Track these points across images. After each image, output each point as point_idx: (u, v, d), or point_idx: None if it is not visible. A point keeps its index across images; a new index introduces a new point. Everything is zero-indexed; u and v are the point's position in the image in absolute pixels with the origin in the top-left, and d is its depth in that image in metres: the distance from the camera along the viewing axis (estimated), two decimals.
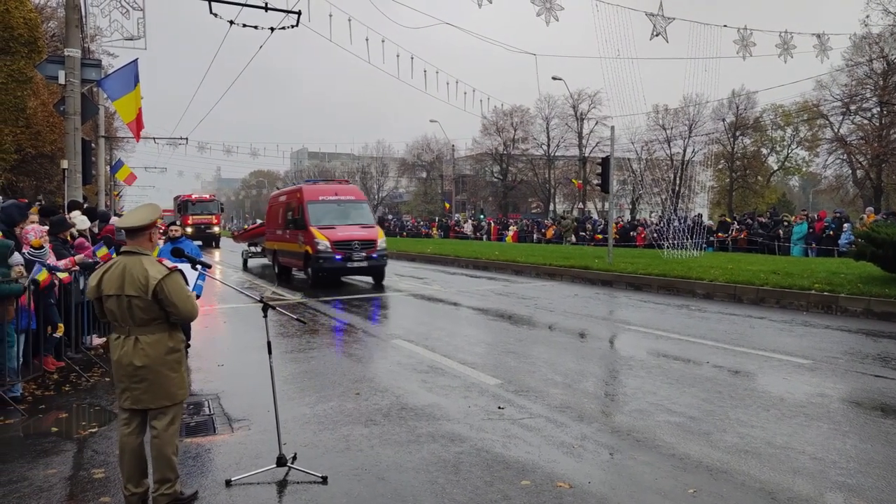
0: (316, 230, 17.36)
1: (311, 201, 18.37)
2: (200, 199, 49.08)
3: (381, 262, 17.71)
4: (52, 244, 8.24)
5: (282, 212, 20.36)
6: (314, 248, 17.12)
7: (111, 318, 4.15)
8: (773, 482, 4.49)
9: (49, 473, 4.81)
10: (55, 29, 27.77)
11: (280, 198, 21.93)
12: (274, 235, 21.20)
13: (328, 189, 19.39)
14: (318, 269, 17.39)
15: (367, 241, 17.43)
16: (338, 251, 17.02)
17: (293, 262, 19.27)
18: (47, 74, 13.95)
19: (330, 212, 18.28)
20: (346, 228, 17.68)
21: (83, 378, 7.59)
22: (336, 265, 17.12)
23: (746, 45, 17.63)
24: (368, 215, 19.26)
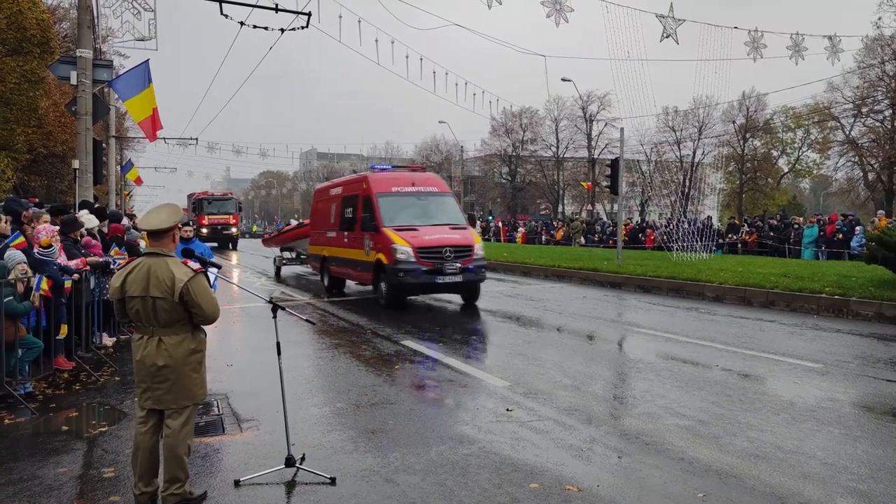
0: (392, 232, 13.09)
1: (381, 194, 14.09)
2: (217, 196, 45.47)
3: (478, 277, 13.40)
4: (62, 244, 8.29)
5: (335, 208, 16.44)
6: (391, 256, 12.83)
7: (134, 319, 4.16)
8: (782, 487, 4.46)
9: (59, 472, 4.84)
10: (67, 30, 27.98)
11: (332, 191, 17.42)
12: (323, 238, 17.25)
13: (403, 178, 15.00)
14: (396, 285, 12.92)
15: (461, 248, 13.10)
16: (424, 261, 12.71)
17: (354, 273, 15.21)
18: (59, 75, 14.06)
19: (408, 208, 14.11)
20: (432, 230, 13.38)
21: (94, 377, 7.64)
22: (421, 280, 12.76)
23: (757, 46, 17.54)
24: (457, 212, 14.82)
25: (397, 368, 8.16)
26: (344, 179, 17.69)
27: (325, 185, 19.69)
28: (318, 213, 18.43)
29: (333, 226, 16.44)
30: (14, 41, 19.36)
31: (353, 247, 14.79)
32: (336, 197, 16.69)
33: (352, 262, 15.04)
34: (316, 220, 18.50)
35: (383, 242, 13.14)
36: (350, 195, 15.57)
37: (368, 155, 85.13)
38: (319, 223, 17.95)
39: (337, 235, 16.11)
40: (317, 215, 18.50)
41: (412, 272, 12.69)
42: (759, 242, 26.01)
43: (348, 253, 15.25)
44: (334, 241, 16.31)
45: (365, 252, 14.01)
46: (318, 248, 17.78)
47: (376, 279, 13.71)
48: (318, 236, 17.94)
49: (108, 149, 25.24)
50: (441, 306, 14.09)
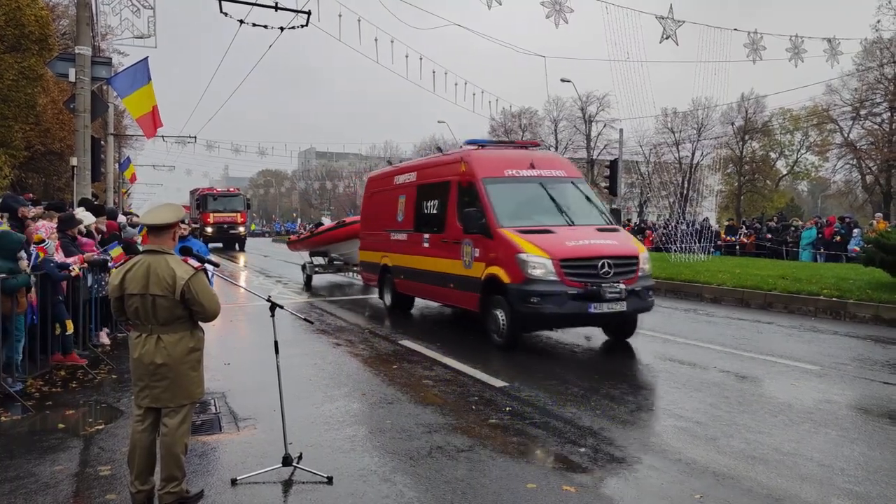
0: (516, 236, 9.07)
1: (491, 180, 9.96)
2: (223, 192, 41.76)
3: (647, 305, 9.31)
4: (59, 241, 8.27)
5: (405, 202, 12.34)
6: (517, 271, 8.77)
7: (132, 317, 4.15)
8: (779, 488, 4.46)
9: (56, 470, 4.83)
10: (66, 27, 27.93)
11: (398, 178, 13.05)
12: (384, 242, 13.12)
13: (517, 158, 10.68)
14: (527, 315, 8.79)
15: (624, 260, 9.02)
16: (571, 279, 8.61)
17: (443, 292, 10.90)
18: (58, 72, 14.03)
19: (531, 200, 10.09)
20: (574, 233, 9.33)
21: (90, 375, 7.62)
22: (566, 309, 8.63)
23: (756, 48, 17.55)
24: (599, 206, 10.82)
25: (396, 368, 8.15)
26: (420, 162, 13.61)
27: (386, 170, 14.60)
28: (374, 208, 14.11)
29: (402, 225, 12.35)
30: (12, 38, 19.32)
31: (441, 255, 10.66)
32: (406, 186, 12.46)
33: (438, 276, 10.76)
34: (371, 218, 14.23)
35: (502, 250, 9.04)
36: (434, 183, 11.41)
37: (367, 154, 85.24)
38: (377, 221, 13.69)
39: (409, 238, 11.99)
40: (372, 211, 14.21)
41: (553, 296, 8.50)
42: (757, 244, 26.04)
43: (431, 264, 11.02)
44: (403, 246, 12.20)
45: (464, 263, 9.93)
46: (374, 254, 13.67)
47: (486, 304, 9.44)
48: (374, 239, 13.82)
49: (106, 146, 25.20)
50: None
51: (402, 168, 13.68)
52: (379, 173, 15.31)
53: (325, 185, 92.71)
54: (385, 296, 13.24)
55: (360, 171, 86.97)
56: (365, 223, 14.82)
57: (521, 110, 58.70)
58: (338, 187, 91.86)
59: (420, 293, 12.15)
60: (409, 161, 15.60)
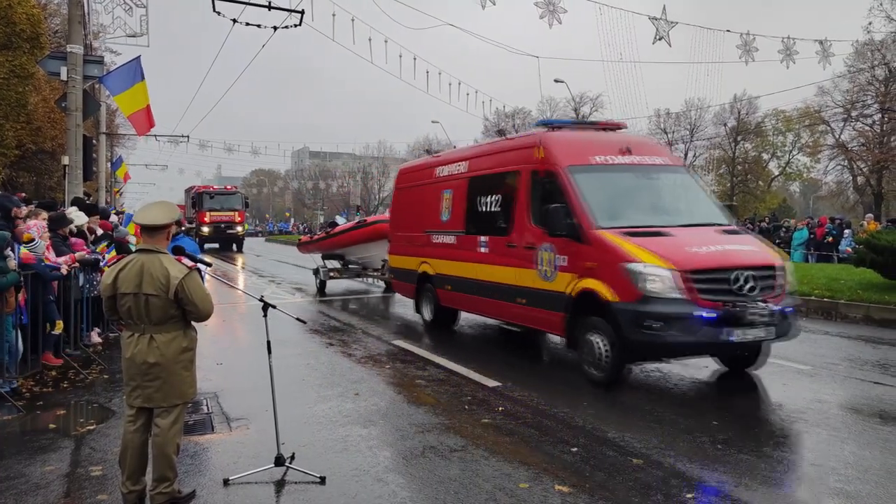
0: (622, 239, 7.14)
1: (578, 168, 8.00)
2: (220, 190, 39.78)
3: (794, 330, 7.32)
4: (51, 240, 8.23)
5: (452, 197, 10.33)
6: (626, 285, 6.85)
7: (125, 317, 4.14)
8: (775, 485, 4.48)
9: (46, 470, 4.80)
10: (58, 25, 27.79)
11: (441, 170, 11.00)
12: (422, 245, 11.17)
13: (607, 142, 8.61)
14: (642, 344, 6.80)
15: (765, 272, 7.12)
16: (702, 296, 6.69)
17: (514, 310, 8.74)
18: (49, 70, 13.94)
19: (632, 194, 8.26)
20: (695, 236, 7.39)
21: (82, 375, 7.58)
22: (700, 336, 6.64)
23: (749, 50, 17.63)
24: (714, 202, 8.99)
25: (390, 368, 8.14)
26: (473, 150, 11.02)
27: (424, 161, 12.57)
28: (408, 205, 12.07)
29: (448, 225, 10.37)
30: (3, 36, 19.19)
31: (506, 262, 8.72)
32: (454, 179, 10.44)
33: (501, 289, 8.83)
34: (404, 217, 12.18)
35: (604, 258, 7.09)
36: (495, 173, 9.37)
37: (361, 154, 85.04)
38: (413, 221, 11.66)
39: (458, 242, 10.04)
40: (406, 209, 12.15)
41: (680, 320, 6.54)
42: None
43: (490, 273, 9.10)
44: (450, 251, 10.27)
45: (540, 274, 7.97)
46: (408, 259, 11.67)
47: (576, 327, 7.49)
48: (408, 242, 11.78)
49: (98, 145, 25.10)
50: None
51: (446, 158, 11.29)
52: (414, 165, 13.04)
53: (318, 185, 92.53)
54: (423, 309, 11.26)
55: (353, 170, 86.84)
56: (396, 223, 12.53)
57: (514, 110, 58.72)
58: (331, 187, 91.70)
59: (472, 307, 10.03)
60: (455, 149, 12.51)
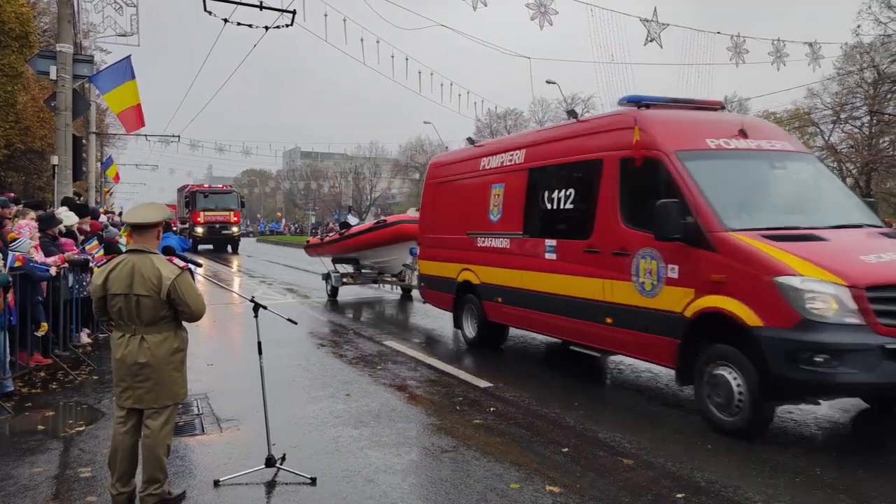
0: (765, 244, 5.54)
1: (690, 154, 6.43)
2: (215, 189, 38.26)
3: None
4: (40, 241, 8.17)
5: (509, 193, 8.70)
6: (779, 305, 5.19)
7: (116, 318, 4.11)
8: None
9: (35, 472, 4.77)
10: (48, 24, 27.63)
11: (490, 160, 9.33)
12: (467, 251, 9.48)
13: (719, 123, 7.16)
14: (804, 382, 5.07)
15: None
16: (881, 320, 5.03)
17: (587, 329, 7.26)
18: (38, 70, 13.85)
19: (763, 187, 6.81)
20: (854, 241, 5.92)
21: (71, 376, 7.54)
22: (874, 373, 4.94)
23: (739, 52, 17.73)
24: (854, 196, 7.58)
25: (381, 369, 8.13)
26: (534, 135, 9.21)
27: (463, 152, 10.51)
28: (445, 203, 10.35)
29: (500, 226, 8.72)
30: None
31: (586, 271, 7.12)
32: (507, 171, 8.75)
33: (585, 305, 7.14)
34: (439, 217, 10.49)
35: (742, 268, 5.55)
36: (566, 162, 7.74)
37: (353, 154, 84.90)
38: (451, 221, 10.05)
39: (513, 246, 8.40)
40: (442, 208, 10.43)
41: (855, 353, 5.04)
42: None
43: (561, 284, 7.48)
44: (502, 257, 8.62)
45: (638, 287, 6.47)
46: (445, 265, 10.03)
47: (693, 357, 5.93)
48: (445, 245, 10.12)
49: (88, 145, 24.94)
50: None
51: (495, 146, 9.56)
52: (450, 156, 11.26)
53: (309, 186, 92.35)
54: (465, 325, 9.60)
55: (345, 171, 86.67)
56: (429, 224, 10.82)
57: (506, 111, 58.83)
58: (322, 187, 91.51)
59: (532, 324, 8.31)
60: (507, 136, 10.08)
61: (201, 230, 35.13)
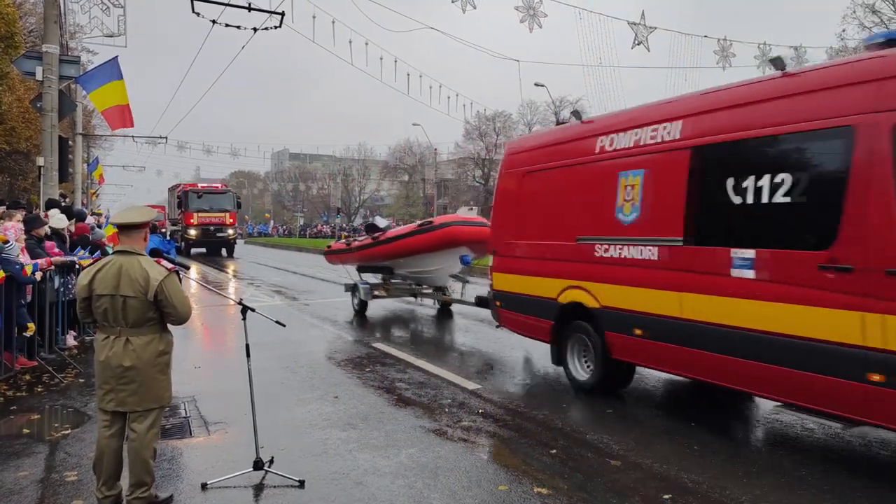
0: None
1: None
2: (210, 189, 35.75)
3: None
4: (25, 242, 8.11)
5: (659, 183, 6.32)
6: None
7: (100, 319, 4.09)
8: None
9: (20, 476, 4.73)
10: (34, 24, 27.41)
11: (615, 139, 6.94)
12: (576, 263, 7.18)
13: None
14: None
15: None
16: None
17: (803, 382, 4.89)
18: (24, 70, 13.75)
19: None
20: None
21: (56, 379, 7.48)
22: None
23: (726, 55, 17.88)
24: None
25: (369, 372, 8.13)
26: (702, 99, 6.18)
27: (569, 130, 7.93)
28: (534, 198, 8.07)
29: (639, 229, 6.51)
30: None
31: (828, 300, 4.80)
32: (648, 151, 6.53)
33: (826, 353, 4.77)
34: (525, 216, 8.15)
35: None
36: (774, 134, 5.42)
37: (341, 156, 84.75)
38: (548, 221, 7.80)
39: (671, 257, 6.13)
40: (530, 204, 8.11)
41: None
42: None
43: (778, 318, 5.15)
44: (651, 273, 6.31)
45: None
46: (539, 281, 7.72)
47: None
48: (535, 253, 7.87)
49: (74, 146, 24.77)
50: (411, 309, 13.98)
51: (622, 120, 7.01)
52: (542, 139, 8.56)
53: (298, 187, 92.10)
54: (572, 363, 7.24)
55: (333, 172, 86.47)
56: (509, 225, 8.35)
57: (495, 113, 58.95)
58: (311, 189, 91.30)
59: (703, 371, 5.87)
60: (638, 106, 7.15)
61: (194, 232, 33.21)
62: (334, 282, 19.16)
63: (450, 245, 11.32)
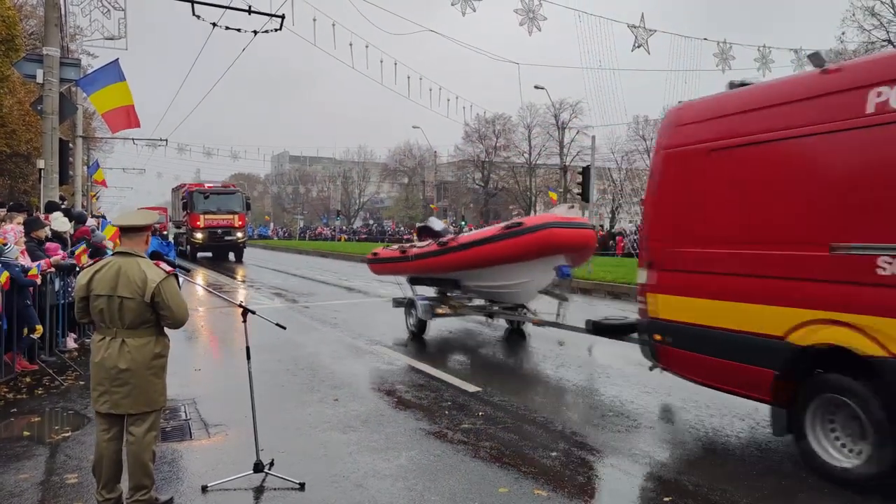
0: None
1: None
2: (217, 189, 32.67)
3: None
4: (26, 245, 8.12)
5: None
6: None
7: (97, 319, 4.10)
8: (747, 487, 4.54)
9: (20, 478, 4.73)
10: (34, 27, 27.45)
11: None
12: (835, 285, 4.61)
13: None
14: None
15: None
16: None
17: None
18: (25, 73, 13.78)
19: None
20: None
21: (57, 381, 7.48)
22: None
23: (726, 58, 17.92)
24: None
25: (369, 374, 8.12)
26: None
27: (802, 83, 5.20)
28: (737, 186, 5.45)
29: None
30: None
31: None
32: None
33: None
34: (722, 211, 5.57)
35: None
36: None
37: (342, 158, 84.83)
38: (762, 219, 5.24)
39: None
40: (731, 194, 5.51)
41: None
42: None
43: None
44: None
45: None
46: (749, 310, 5.24)
47: None
48: (736, 266, 5.37)
49: (74, 149, 24.77)
50: None
51: None
52: (737, 101, 5.65)
53: (298, 190, 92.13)
54: (816, 436, 4.86)
55: (333, 175, 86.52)
56: (680, 226, 5.95)
57: (495, 116, 59.03)
58: (311, 191, 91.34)
59: None
60: None
61: (201, 236, 30.38)
62: (334, 284, 19.18)
63: (546, 253, 8.69)
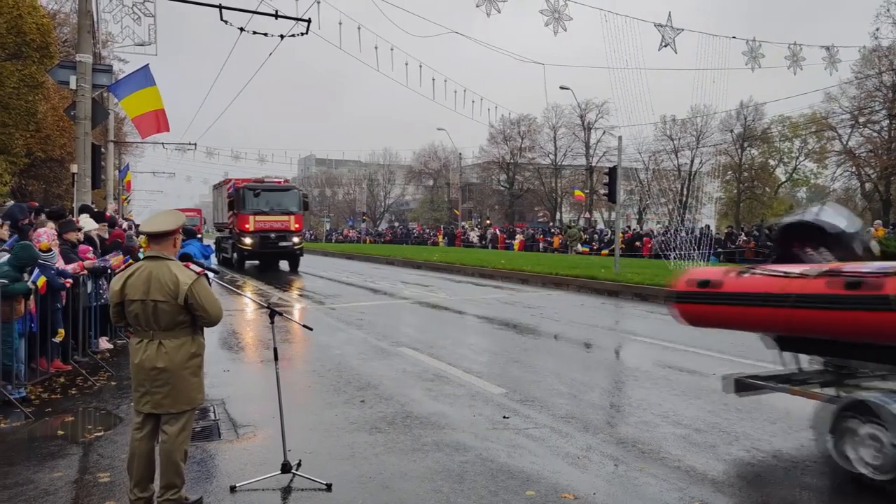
0: None
1: None
2: (270, 185, 26.10)
3: None
4: (60, 248, 8.29)
5: None
6: None
7: (133, 323, 4.17)
8: (779, 496, 4.46)
9: (55, 477, 4.83)
10: (67, 35, 28.02)
11: None
12: None
13: None
14: None
15: None
16: None
17: None
18: (59, 79, 14.10)
19: None
20: None
21: (90, 382, 7.62)
22: None
23: (755, 56, 17.65)
24: None
25: (393, 375, 8.14)
26: None
27: None
28: None
29: None
30: (13, 46, 19.36)
31: None
32: None
33: None
34: None
35: None
36: None
37: (367, 161, 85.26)
38: None
39: None
40: None
41: None
42: (756, 251, 26.10)
43: None
44: None
45: None
46: None
47: None
48: None
49: (106, 153, 25.25)
50: (441, 316, 14.08)
51: None
52: None
53: (324, 192, 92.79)
54: None
55: (359, 178, 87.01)
56: None
57: (520, 117, 58.86)
58: (337, 194, 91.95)
59: None
60: None
61: (250, 241, 24.78)
62: (360, 286, 19.27)
63: None
